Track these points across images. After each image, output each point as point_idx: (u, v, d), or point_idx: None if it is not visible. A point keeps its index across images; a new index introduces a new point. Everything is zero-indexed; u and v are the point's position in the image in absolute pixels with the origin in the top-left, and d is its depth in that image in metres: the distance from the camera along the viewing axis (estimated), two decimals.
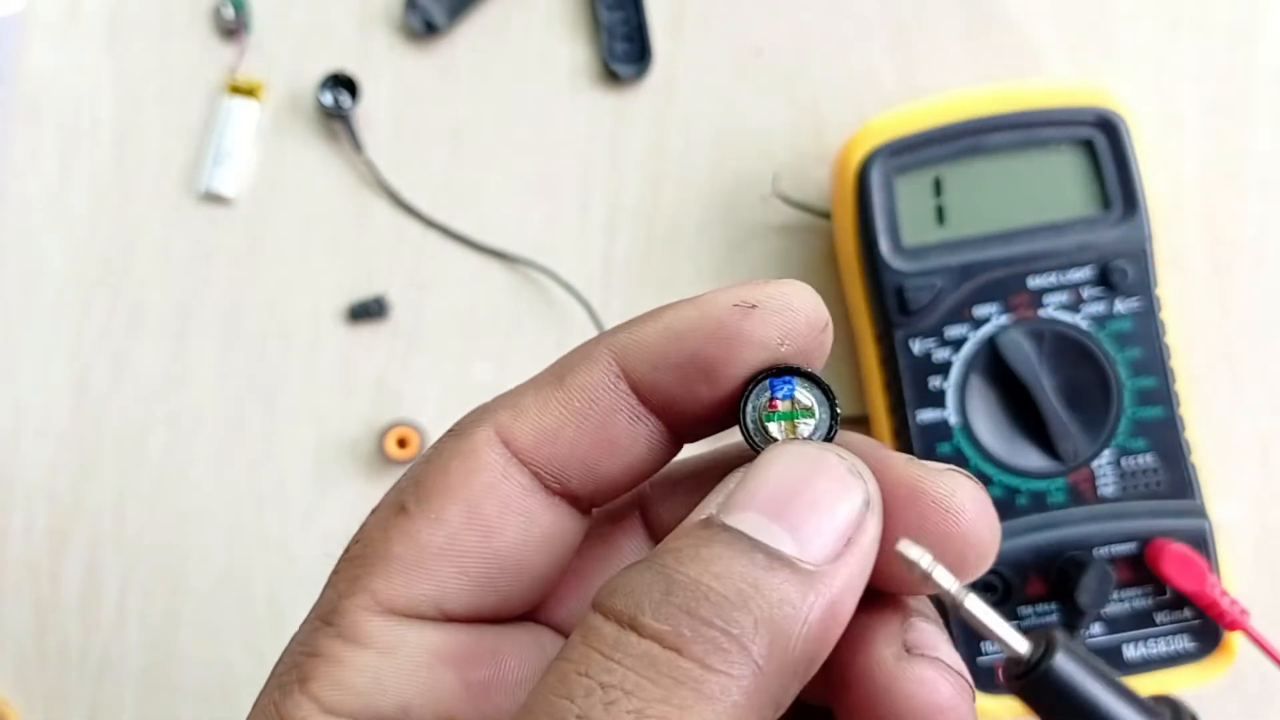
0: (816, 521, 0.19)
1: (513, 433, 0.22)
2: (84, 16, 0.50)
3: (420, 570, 0.21)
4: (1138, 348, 0.43)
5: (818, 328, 0.22)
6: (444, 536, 0.21)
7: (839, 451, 0.21)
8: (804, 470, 0.20)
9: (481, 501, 0.22)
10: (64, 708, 0.48)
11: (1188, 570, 0.41)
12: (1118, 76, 0.48)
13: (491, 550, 0.22)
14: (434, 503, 0.22)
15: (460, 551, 0.21)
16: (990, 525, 0.21)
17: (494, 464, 0.22)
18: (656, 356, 0.22)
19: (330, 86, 0.48)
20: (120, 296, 0.49)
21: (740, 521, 0.19)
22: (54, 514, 0.49)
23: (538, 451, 0.22)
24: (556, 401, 0.22)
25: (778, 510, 0.19)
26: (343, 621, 0.21)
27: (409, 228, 0.49)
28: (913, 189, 0.43)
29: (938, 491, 0.21)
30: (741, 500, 0.20)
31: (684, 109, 0.49)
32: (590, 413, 0.22)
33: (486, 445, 0.22)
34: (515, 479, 0.22)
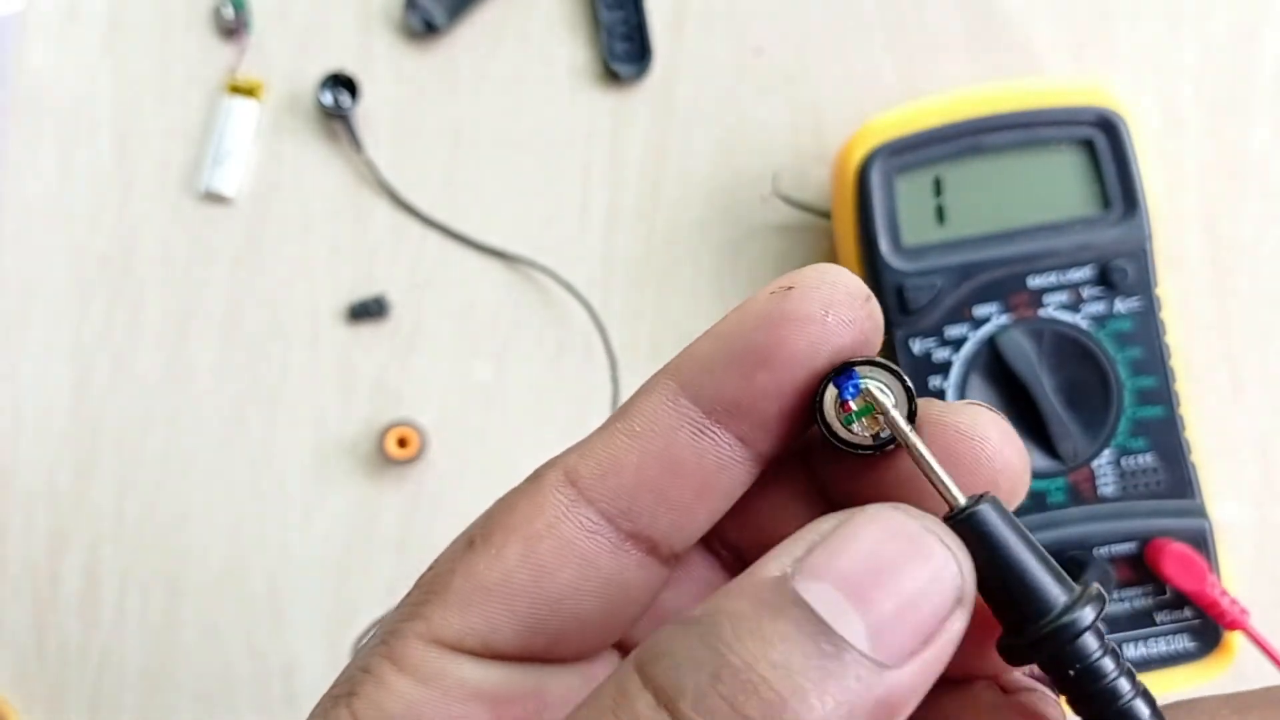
0: (898, 615, 0.18)
1: (578, 471, 0.22)
2: (83, 16, 0.50)
3: (473, 605, 0.21)
4: (1138, 347, 0.43)
5: (860, 297, 0.22)
6: (500, 573, 0.21)
7: (943, 533, 0.19)
8: (898, 549, 0.18)
9: (540, 541, 0.21)
10: (63, 707, 0.48)
11: (1188, 570, 0.41)
12: (1118, 76, 0.48)
13: (543, 591, 0.21)
14: (495, 538, 0.22)
15: (512, 590, 0.21)
16: (1018, 451, 0.21)
17: (558, 503, 0.22)
18: (708, 360, 0.22)
19: (330, 86, 0.48)
20: (120, 296, 0.49)
21: (814, 593, 0.18)
22: (54, 514, 0.48)
23: (603, 485, 0.22)
24: (618, 431, 0.22)
25: (857, 589, 0.18)
26: (396, 645, 0.21)
27: (409, 228, 0.49)
28: (913, 189, 0.44)
29: (960, 422, 0.21)
30: (820, 564, 0.18)
31: (684, 109, 0.49)
32: (651, 434, 0.21)
33: (553, 485, 0.22)
34: (578, 519, 0.22)
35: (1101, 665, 0.19)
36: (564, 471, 0.22)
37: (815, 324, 0.21)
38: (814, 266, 0.22)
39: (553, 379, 0.48)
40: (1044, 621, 0.19)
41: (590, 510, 0.22)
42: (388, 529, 0.48)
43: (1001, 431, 0.21)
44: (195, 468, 0.49)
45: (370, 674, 0.21)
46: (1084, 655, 0.19)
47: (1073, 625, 0.19)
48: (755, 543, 0.23)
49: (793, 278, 0.21)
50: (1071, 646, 0.19)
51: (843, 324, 0.21)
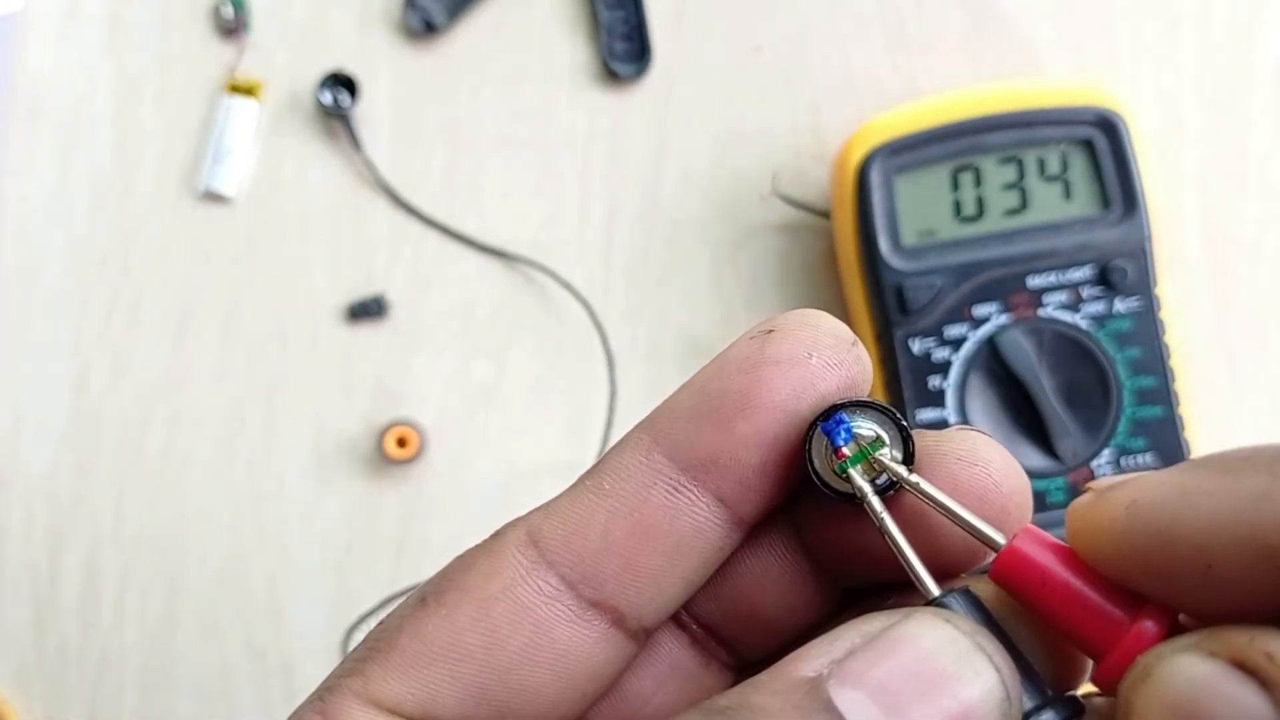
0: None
1: (542, 531, 0.20)
2: (83, 16, 0.50)
3: (416, 667, 0.20)
4: (1137, 347, 0.43)
5: (846, 340, 0.20)
6: (448, 635, 0.20)
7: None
8: (944, 665, 0.17)
9: (494, 604, 0.20)
10: (63, 707, 0.48)
11: None
12: (1118, 76, 0.48)
13: (492, 659, 0.20)
14: (448, 598, 0.20)
15: (460, 654, 0.20)
16: (1018, 473, 0.20)
17: (517, 564, 0.20)
18: (687, 411, 0.20)
19: (330, 86, 0.48)
20: (119, 296, 0.49)
21: (847, 702, 0.17)
22: (53, 514, 0.48)
23: (567, 548, 0.20)
24: (586, 490, 0.20)
25: (896, 703, 0.17)
26: (331, 701, 0.20)
27: (409, 227, 0.49)
28: (913, 188, 0.44)
29: (958, 450, 0.20)
30: (858, 671, 0.17)
31: (684, 108, 0.49)
32: (622, 492, 0.20)
33: (514, 545, 0.20)
34: (537, 584, 0.20)
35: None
36: (527, 531, 0.20)
37: (799, 367, 0.20)
38: (796, 310, 0.21)
39: (552, 378, 0.48)
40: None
41: (551, 574, 0.20)
42: (387, 528, 0.48)
43: (1002, 455, 0.20)
44: (195, 467, 0.49)
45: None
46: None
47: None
48: (732, 617, 0.22)
49: (774, 321, 0.20)
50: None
51: (828, 367, 0.20)
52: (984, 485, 0.20)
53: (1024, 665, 0.18)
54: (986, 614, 0.18)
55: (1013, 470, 0.20)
